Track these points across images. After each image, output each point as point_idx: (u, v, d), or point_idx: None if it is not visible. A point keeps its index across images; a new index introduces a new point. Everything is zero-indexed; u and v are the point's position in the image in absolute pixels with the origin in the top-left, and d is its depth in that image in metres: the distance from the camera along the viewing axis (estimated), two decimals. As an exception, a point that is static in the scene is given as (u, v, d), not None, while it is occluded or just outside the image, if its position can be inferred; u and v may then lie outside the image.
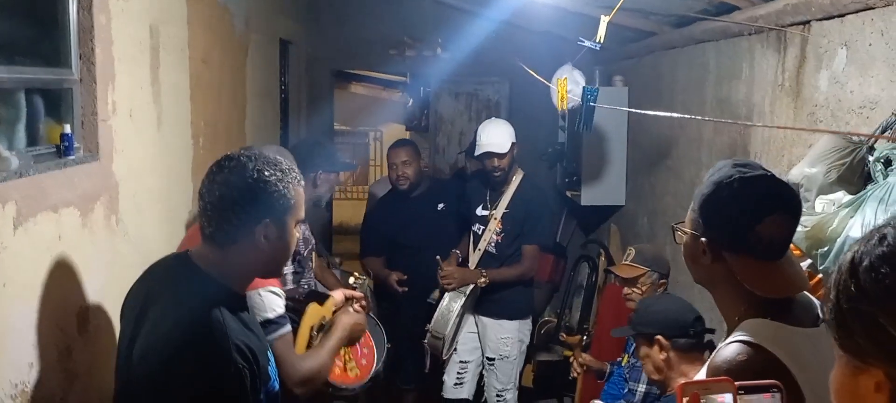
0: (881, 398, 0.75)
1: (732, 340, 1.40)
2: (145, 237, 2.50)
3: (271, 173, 1.67)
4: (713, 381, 0.90)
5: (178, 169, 2.92)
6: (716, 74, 3.57)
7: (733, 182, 1.46)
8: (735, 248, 1.45)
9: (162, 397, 1.52)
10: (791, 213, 1.47)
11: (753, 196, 1.45)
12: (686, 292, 3.23)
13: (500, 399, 4.13)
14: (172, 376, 1.51)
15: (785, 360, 1.33)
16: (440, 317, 3.84)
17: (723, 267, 1.47)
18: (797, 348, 1.36)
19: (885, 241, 0.75)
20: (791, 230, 1.47)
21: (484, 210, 4.04)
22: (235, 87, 3.84)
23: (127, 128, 2.39)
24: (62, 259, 1.95)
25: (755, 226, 1.42)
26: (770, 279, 1.44)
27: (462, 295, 3.87)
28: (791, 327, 1.41)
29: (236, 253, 1.66)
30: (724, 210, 1.47)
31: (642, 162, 4.80)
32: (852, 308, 0.76)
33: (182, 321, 1.56)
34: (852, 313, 0.76)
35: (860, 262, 0.77)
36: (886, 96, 2.17)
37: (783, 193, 1.49)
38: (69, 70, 2.13)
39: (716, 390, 0.88)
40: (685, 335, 2.53)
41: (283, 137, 5.32)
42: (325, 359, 2.45)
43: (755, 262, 1.44)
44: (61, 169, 1.99)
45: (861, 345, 0.76)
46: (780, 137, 2.87)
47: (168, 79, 2.75)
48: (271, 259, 1.73)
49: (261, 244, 1.66)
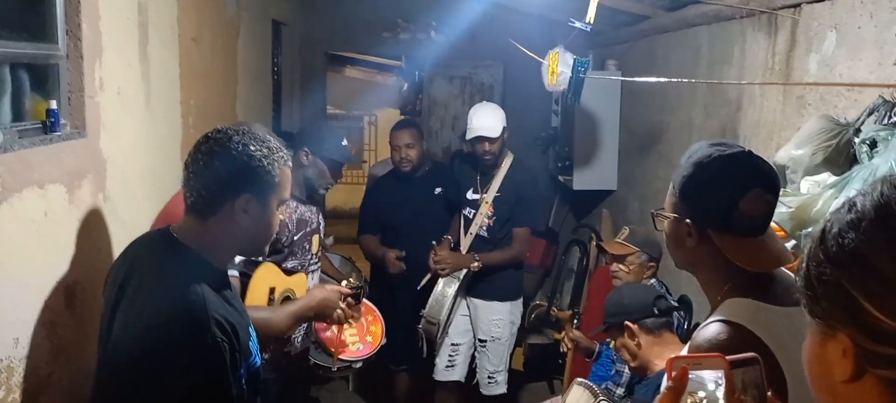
0: (847, 363, 0.75)
1: (713, 320, 1.40)
2: (133, 215, 2.50)
3: (257, 148, 1.67)
4: (704, 356, 0.90)
5: (167, 148, 2.91)
6: (708, 58, 3.57)
7: (713, 160, 1.47)
8: (720, 226, 1.46)
9: (141, 370, 1.52)
10: (771, 187, 1.47)
11: (734, 172, 1.46)
12: (676, 276, 3.25)
13: (492, 381, 4.15)
14: (151, 348, 1.51)
15: (764, 338, 1.33)
16: (435, 303, 3.85)
17: (708, 246, 1.48)
18: (776, 326, 1.37)
19: (854, 209, 0.76)
20: (771, 204, 1.47)
21: (474, 194, 4.03)
22: (226, 68, 3.83)
23: (115, 106, 2.38)
24: (48, 235, 1.95)
25: (737, 202, 1.43)
26: (755, 254, 1.45)
27: (456, 280, 3.88)
28: (772, 306, 1.42)
29: (216, 226, 1.65)
30: (707, 189, 1.47)
31: (634, 147, 4.81)
32: (819, 273, 0.77)
33: (161, 294, 1.56)
34: (819, 278, 0.77)
35: (829, 230, 0.77)
36: (874, 79, 2.17)
37: (762, 167, 1.49)
38: (56, 45, 2.12)
39: (708, 365, 0.89)
40: (650, 314, 2.61)
41: (276, 119, 5.31)
42: (277, 318, 2.46)
43: (740, 239, 1.45)
44: (47, 144, 1.98)
45: (827, 311, 0.76)
46: (770, 121, 2.88)
47: (157, 57, 2.74)
48: (251, 235, 1.72)
49: (241, 218, 1.65)
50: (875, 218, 0.73)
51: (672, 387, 0.87)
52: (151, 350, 1.51)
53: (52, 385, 1.99)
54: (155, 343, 1.51)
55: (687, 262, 1.58)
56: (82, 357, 2.11)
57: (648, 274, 3.28)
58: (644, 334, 2.59)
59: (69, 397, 2.07)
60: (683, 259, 1.58)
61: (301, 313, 2.56)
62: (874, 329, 0.71)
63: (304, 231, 3.19)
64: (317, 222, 3.31)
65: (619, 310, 2.69)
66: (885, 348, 0.71)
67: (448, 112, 6.76)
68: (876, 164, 1.86)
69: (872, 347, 0.72)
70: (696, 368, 0.89)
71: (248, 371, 1.67)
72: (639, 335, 2.59)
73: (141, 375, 1.52)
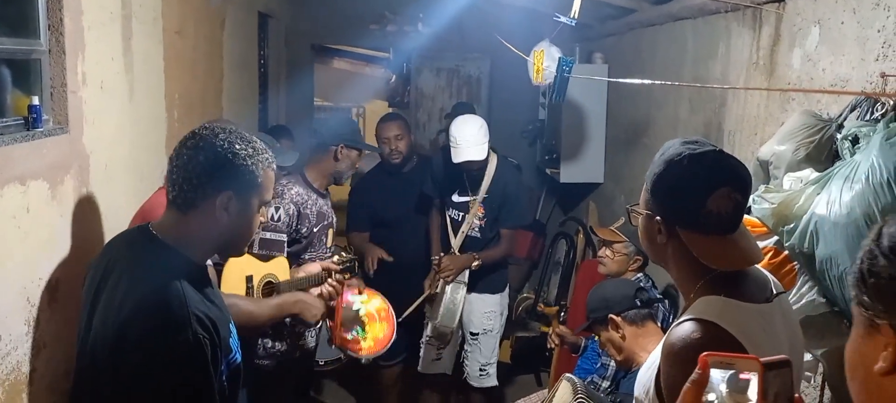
0: (887, 356, 0.80)
1: (685, 318, 1.41)
2: (116, 209, 2.49)
3: (242, 147, 1.66)
4: (738, 357, 0.90)
5: (151, 141, 2.89)
6: (693, 54, 3.58)
7: (683, 159, 1.47)
8: (687, 224, 1.47)
9: (120, 366, 1.51)
10: (740, 187, 1.47)
11: (702, 171, 1.46)
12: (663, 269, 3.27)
13: (484, 373, 4.18)
14: (130, 345, 1.50)
15: (737, 336, 1.34)
16: (447, 312, 3.93)
17: (677, 244, 1.49)
18: (749, 324, 1.38)
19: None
20: (740, 203, 1.48)
21: (461, 196, 4.01)
22: (211, 60, 3.80)
23: (98, 100, 2.36)
24: (30, 230, 1.94)
25: (705, 200, 1.44)
26: (723, 253, 1.46)
27: (462, 284, 3.96)
28: (744, 303, 1.43)
29: (195, 221, 1.65)
30: (676, 186, 1.48)
31: (620, 141, 4.82)
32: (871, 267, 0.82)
33: (140, 290, 1.55)
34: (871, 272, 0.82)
35: (887, 229, 0.83)
36: (857, 75, 2.18)
37: (732, 166, 1.50)
38: (37, 40, 2.10)
39: (741, 367, 0.88)
40: (632, 306, 2.65)
41: (262, 112, 5.29)
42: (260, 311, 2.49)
43: (708, 237, 1.46)
44: (29, 140, 1.97)
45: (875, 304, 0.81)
46: (754, 116, 2.89)
47: (141, 49, 2.71)
48: (230, 234, 1.71)
49: (221, 215, 1.64)
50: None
51: (695, 382, 0.89)
52: (131, 346, 1.50)
53: (35, 381, 1.98)
54: (134, 339, 1.50)
55: (659, 258, 1.59)
56: (65, 353, 2.10)
57: (633, 267, 3.31)
58: (628, 325, 2.62)
59: (51, 393, 2.07)
60: (655, 254, 1.60)
61: (285, 306, 2.61)
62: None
63: (323, 224, 3.35)
64: (331, 216, 3.43)
65: (602, 305, 2.72)
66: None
67: (435, 104, 6.75)
68: (857, 161, 1.87)
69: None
70: (728, 367, 0.89)
71: (229, 368, 1.67)
72: (623, 327, 2.62)
73: (120, 371, 1.51)
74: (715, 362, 0.89)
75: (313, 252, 3.32)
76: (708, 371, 0.89)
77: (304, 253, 3.30)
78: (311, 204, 3.30)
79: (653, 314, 2.73)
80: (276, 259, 2.92)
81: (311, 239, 3.29)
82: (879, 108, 1.98)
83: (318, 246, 3.34)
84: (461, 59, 6.57)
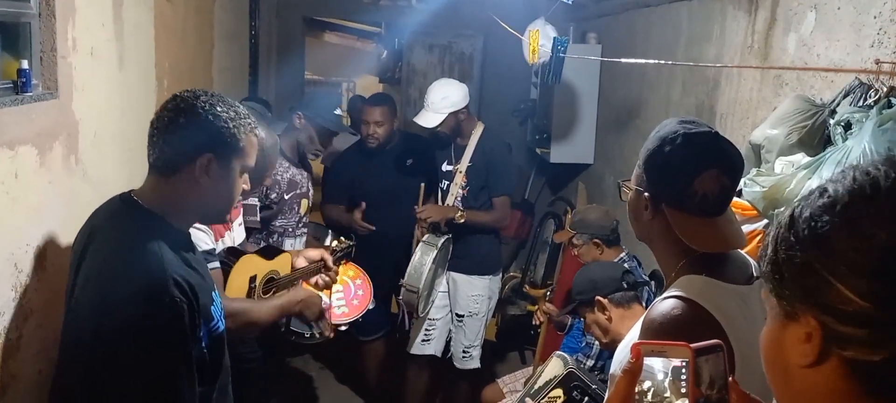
0: (809, 348, 0.77)
1: (667, 295, 1.42)
2: (105, 177, 2.46)
3: (224, 111, 1.65)
4: (670, 344, 0.88)
5: (141, 110, 2.85)
6: (687, 36, 3.57)
7: (677, 137, 1.48)
8: (673, 202, 1.48)
9: (100, 329, 1.50)
10: (729, 170, 1.48)
11: (693, 151, 1.47)
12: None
13: (467, 356, 4.19)
14: (110, 308, 1.49)
15: (716, 315, 1.36)
16: (413, 271, 3.84)
17: (662, 221, 1.50)
18: (728, 304, 1.39)
19: (826, 194, 0.77)
20: (728, 187, 1.48)
21: (448, 165, 4.03)
22: (202, 29, 3.76)
23: (88, 66, 2.33)
24: (18, 197, 1.92)
25: (692, 180, 1.44)
26: (705, 235, 1.46)
27: (433, 248, 3.87)
28: (724, 283, 1.44)
29: (176, 186, 1.64)
30: (665, 164, 1.49)
31: (612, 122, 4.82)
32: (789, 256, 0.78)
33: (119, 254, 1.55)
34: (788, 261, 0.78)
35: (800, 215, 0.79)
36: (852, 61, 2.19)
37: (723, 150, 1.50)
38: (27, 3, 2.06)
39: (672, 354, 0.87)
40: (619, 288, 2.69)
41: (252, 84, 5.24)
42: (261, 312, 2.43)
43: (692, 217, 1.46)
44: (18, 105, 1.94)
45: (794, 293, 0.78)
46: (746, 100, 2.89)
47: (131, 16, 2.68)
48: (211, 198, 1.70)
49: (202, 179, 1.63)
50: (849, 202, 0.75)
51: (628, 371, 0.87)
52: (110, 310, 1.49)
53: (22, 348, 1.97)
54: (113, 303, 1.50)
55: (644, 235, 1.60)
56: (52, 320, 2.09)
57: (598, 253, 3.35)
58: (614, 307, 2.65)
59: (39, 360, 2.06)
60: (640, 231, 1.61)
61: (286, 307, 2.56)
62: (844, 310, 0.72)
63: (295, 192, 3.37)
64: (306, 186, 3.46)
65: (589, 287, 2.74)
66: (853, 329, 0.72)
67: (427, 81, 6.65)
68: (849, 146, 1.88)
69: (841, 328, 0.73)
70: (660, 355, 0.87)
71: (210, 336, 1.66)
72: (609, 309, 2.64)
73: (100, 335, 1.50)
74: (647, 350, 0.88)
75: (284, 219, 3.33)
76: (641, 360, 0.87)
77: (274, 220, 3.32)
78: (283, 171, 3.35)
79: (639, 296, 2.76)
80: (281, 255, 2.90)
81: (282, 206, 3.30)
82: (872, 95, 1.99)
83: (290, 214, 3.36)
84: (454, 35, 6.53)
